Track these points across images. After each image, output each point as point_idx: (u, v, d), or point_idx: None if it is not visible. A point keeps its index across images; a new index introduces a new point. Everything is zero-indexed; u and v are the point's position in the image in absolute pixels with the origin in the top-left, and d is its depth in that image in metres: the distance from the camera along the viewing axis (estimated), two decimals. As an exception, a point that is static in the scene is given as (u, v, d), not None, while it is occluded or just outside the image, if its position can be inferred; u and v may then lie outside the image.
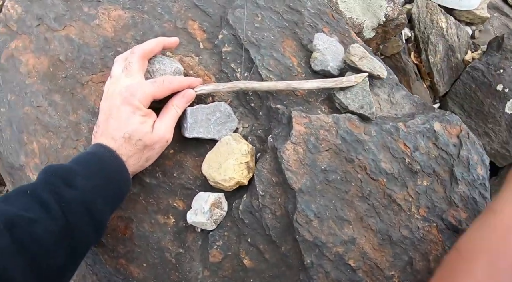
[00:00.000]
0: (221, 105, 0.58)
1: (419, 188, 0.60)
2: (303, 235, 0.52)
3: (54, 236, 0.41)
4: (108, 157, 0.49)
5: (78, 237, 0.44)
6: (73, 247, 0.43)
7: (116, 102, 0.50)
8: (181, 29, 0.64)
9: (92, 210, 0.45)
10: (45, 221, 0.41)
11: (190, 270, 0.55)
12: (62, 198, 0.43)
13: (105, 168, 0.48)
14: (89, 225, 0.45)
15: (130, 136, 0.50)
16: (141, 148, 0.51)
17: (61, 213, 0.42)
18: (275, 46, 0.63)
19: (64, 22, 0.63)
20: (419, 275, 0.58)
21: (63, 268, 0.43)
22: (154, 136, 0.51)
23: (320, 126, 0.56)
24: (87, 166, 0.47)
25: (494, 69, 0.84)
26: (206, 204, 0.53)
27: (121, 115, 0.50)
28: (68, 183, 0.44)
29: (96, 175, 0.47)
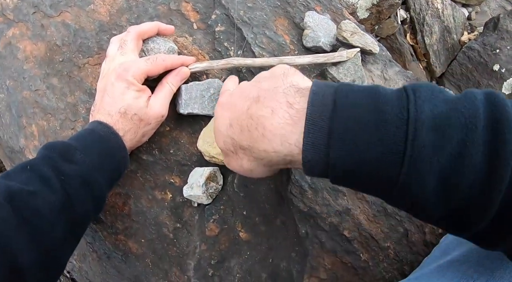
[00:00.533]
0: (215, 82, 0.58)
1: (414, 160, 0.60)
2: (297, 206, 0.52)
3: (53, 208, 0.42)
4: (105, 132, 0.50)
5: (77, 210, 0.45)
6: (72, 220, 0.44)
7: (111, 79, 0.51)
8: (175, 11, 0.65)
9: (90, 183, 0.46)
10: (44, 194, 0.42)
11: (187, 244, 0.56)
12: (61, 172, 0.44)
13: (102, 143, 0.49)
14: (88, 198, 0.46)
15: (126, 111, 0.50)
16: (137, 123, 0.51)
17: (60, 186, 0.43)
18: (267, 25, 0.64)
19: (60, 8, 0.64)
20: (414, 247, 0.58)
21: (63, 240, 0.44)
22: (149, 111, 0.52)
23: (312, 100, 0.56)
24: (86, 142, 0.48)
25: (491, 49, 0.84)
26: (202, 177, 0.54)
27: (116, 91, 0.51)
28: (67, 158, 0.45)
29: (94, 150, 0.48)
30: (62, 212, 0.43)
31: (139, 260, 0.56)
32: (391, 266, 0.57)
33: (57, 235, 0.43)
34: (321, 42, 0.62)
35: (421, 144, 0.29)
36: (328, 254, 0.53)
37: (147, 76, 0.53)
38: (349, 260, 0.54)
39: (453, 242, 0.54)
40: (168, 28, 0.58)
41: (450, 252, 0.52)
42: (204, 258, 0.55)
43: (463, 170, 0.28)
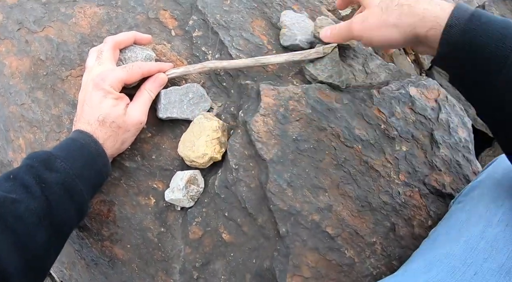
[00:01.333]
0: (194, 86, 0.59)
1: (397, 153, 0.59)
2: (277, 204, 0.52)
3: (35, 214, 0.44)
4: (86, 140, 0.51)
5: (60, 216, 0.46)
6: (55, 225, 0.46)
7: (89, 89, 0.53)
8: (153, 19, 0.66)
9: (71, 190, 0.47)
10: (26, 201, 0.43)
11: (172, 248, 0.56)
12: (43, 180, 0.45)
13: (83, 151, 0.50)
14: (69, 204, 0.47)
15: (104, 119, 0.52)
16: (116, 130, 0.52)
17: (41, 193, 0.45)
18: (244, 27, 0.64)
19: (43, 24, 0.66)
20: (403, 241, 0.58)
21: (46, 245, 0.45)
22: (128, 119, 0.53)
23: (289, 97, 0.56)
24: (66, 150, 0.50)
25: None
26: (182, 180, 0.54)
27: (94, 100, 0.52)
28: (48, 166, 0.47)
29: (75, 158, 0.49)
30: (44, 217, 0.44)
31: (125, 266, 0.57)
32: (378, 262, 0.56)
33: (40, 240, 0.44)
34: (297, 40, 0.62)
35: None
36: (311, 252, 0.52)
37: (124, 84, 0.54)
38: (334, 257, 0.53)
39: (441, 235, 0.53)
40: (145, 37, 0.59)
41: (437, 245, 0.51)
42: (188, 261, 0.55)
43: None
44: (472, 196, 0.55)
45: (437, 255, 0.48)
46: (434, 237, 0.55)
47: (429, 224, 0.60)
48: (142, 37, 0.59)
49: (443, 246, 0.50)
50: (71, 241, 0.60)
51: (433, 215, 0.60)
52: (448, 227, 0.54)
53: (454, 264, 0.46)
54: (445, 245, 0.50)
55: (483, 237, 0.48)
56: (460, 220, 0.52)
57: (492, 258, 0.45)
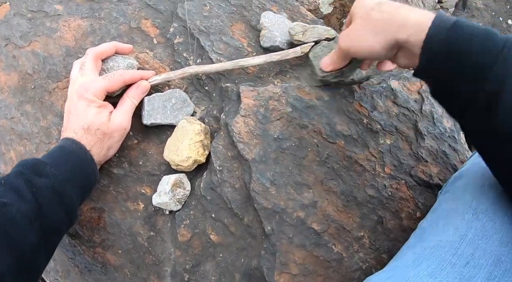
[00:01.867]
0: (176, 91, 0.60)
1: (382, 146, 0.60)
2: (261, 203, 0.53)
3: (26, 216, 0.45)
4: (73, 147, 0.52)
5: (50, 219, 0.48)
6: (45, 227, 0.47)
7: (73, 100, 0.54)
8: (135, 29, 0.67)
9: (61, 194, 0.49)
10: (17, 204, 0.45)
11: (162, 251, 0.57)
12: (33, 184, 0.47)
13: (71, 157, 0.52)
14: (59, 207, 0.49)
15: (89, 127, 0.53)
16: (101, 137, 0.54)
17: (32, 197, 0.46)
18: (224, 31, 0.65)
19: (29, 38, 0.68)
20: (392, 234, 0.58)
21: (37, 247, 0.46)
22: (111, 125, 0.54)
23: (269, 97, 0.57)
24: (55, 157, 0.51)
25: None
26: (168, 184, 0.55)
27: (78, 109, 0.54)
28: (38, 172, 0.49)
29: (63, 164, 0.51)
30: (35, 220, 0.46)
31: (118, 271, 0.58)
32: (367, 256, 0.56)
33: (31, 241, 0.45)
34: (277, 41, 0.63)
35: None
36: (298, 249, 0.53)
37: (107, 92, 0.55)
38: (321, 253, 0.54)
39: (429, 227, 0.53)
40: (126, 47, 0.61)
41: (426, 237, 0.51)
42: (179, 264, 0.56)
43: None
44: (457, 186, 0.55)
45: (426, 247, 0.48)
46: (422, 228, 0.55)
47: (417, 215, 0.60)
48: (123, 47, 0.60)
49: (432, 237, 0.50)
50: (64, 249, 0.61)
51: (422, 207, 0.60)
52: (436, 218, 0.54)
53: (444, 256, 0.45)
54: (434, 236, 0.50)
55: (471, 227, 0.47)
56: (447, 210, 0.52)
57: (482, 247, 0.45)
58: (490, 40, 0.39)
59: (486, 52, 0.39)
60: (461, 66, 0.40)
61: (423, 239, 0.52)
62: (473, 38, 0.40)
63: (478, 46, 0.39)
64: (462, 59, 0.40)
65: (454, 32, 0.40)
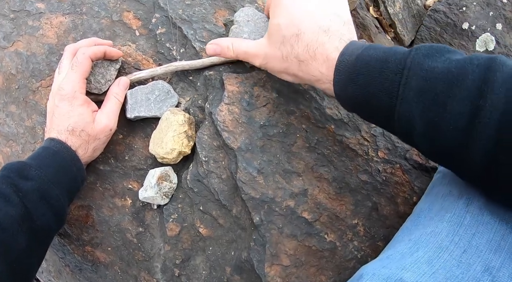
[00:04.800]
0: (159, 83, 0.59)
1: (374, 130, 0.57)
2: (248, 193, 0.51)
3: (14, 220, 0.45)
4: (58, 147, 0.51)
5: (38, 221, 0.47)
6: (34, 230, 0.47)
7: (55, 102, 0.53)
8: (117, 22, 0.66)
9: (47, 196, 0.48)
10: (5, 208, 0.45)
11: (152, 247, 0.56)
12: (19, 188, 0.47)
13: (56, 157, 0.51)
14: (47, 210, 0.48)
15: (73, 129, 0.52)
16: (86, 138, 0.53)
17: (18, 200, 0.46)
18: (207, 18, 0.63)
19: (12, 39, 0.67)
20: (387, 221, 0.55)
21: (28, 250, 0.46)
22: (96, 126, 0.53)
23: (253, 84, 0.55)
24: (40, 158, 0.51)
25: (457, 8, 0.79)
26: (153, 178, 0.54)
27: (61, 111, 0.53)
28: (23, 175, 0.48)
29: (48, 165, 0.50)
30: (23, 222, 0.46)
31: (108, 269, 0.56)
32: (362, 244, 0.54)
33: (21, 245, 0.45)
34: (244, 38, 0.56)
35: (409, 87, 0.36)
36: (289, 239, 0.51)
37: (85, 79, 0.54)
38: (313, 243, 0.52)
39: (424, 211, 0.51)
40: (105, 42, 0.59)
41: (422, 222, 0.49)
42: (169, 259, 0.55)
43: (444, 115, 0.35)
44: None
45: (422, 234, 0.46)
46: (417, 213, 0.52)
47: (414, 200, 0.57)
48: (102, 42, 0.59)
49: (428, 223, 0.47)
50: (55, 249, 0.60)
51: (418, 191, 0.57)
52: (430, 202, 0.51)
53: (441, 242, 0.43)
54: (429, 222, 0.47)
55: (467, 211, 0.45)
56: (442, 193, 0.50)
57: (480, 233, 0.43)
58: (388, 80, 0.38)
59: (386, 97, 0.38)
60: (370, 115, 0.42)
61: (419, 224, 0.49)
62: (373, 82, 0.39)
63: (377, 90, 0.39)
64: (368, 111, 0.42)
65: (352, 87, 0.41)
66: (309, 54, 0.44)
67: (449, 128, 0.35)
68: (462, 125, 0.34)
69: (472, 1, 0.81)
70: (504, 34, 0.88)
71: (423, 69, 0.36)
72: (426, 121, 0.36)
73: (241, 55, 0.52)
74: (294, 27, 0.44)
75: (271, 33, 0.48)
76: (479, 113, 0.33)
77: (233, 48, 0.52)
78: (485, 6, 0.87)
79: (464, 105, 0.34)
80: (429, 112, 0.36)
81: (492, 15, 0.87)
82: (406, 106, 0.37)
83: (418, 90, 0.36)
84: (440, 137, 0.36)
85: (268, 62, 0.48)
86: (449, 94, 0.34)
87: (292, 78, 0.48)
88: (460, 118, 0.34)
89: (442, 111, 0.35)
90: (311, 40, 0.43)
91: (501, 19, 0.87)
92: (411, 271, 0.41)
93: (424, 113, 0.36)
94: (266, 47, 0.48)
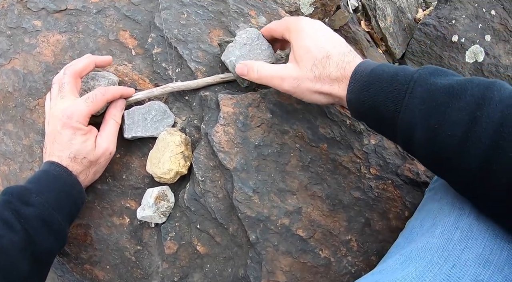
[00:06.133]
0: (155, 103, 0.60)
1: (366, 147, 0.59)
2: (244, 212, 0.52)
3: (17, 246, 0.46)
4: (58, 172, 0.52)
5: (40, 246, 0.48)
6: (36, 255, 0.48)
7: (57, 128, 0.53)
8: (113, 41, 0.67)
9: (49, 221, 0.49)
10: (8, 235, 0.46)
11: (150, 265, 0.57)
12: (21, 215, 0.48)
13: (57, 182, 0.51)
14: (49, 235, 0.49)
15: (75, 156, 0.52)
16: (87, 165, 0.53)
17: (21, 227, 0.47)
18: (202, 38, 0.65)
19: (9, 56, 0.68)
20: (380, 235, 0.57)
21: (30, 274, 0.47)
22: (97, 152, 0.54)
23: (248, 104, 0.57)
24: (40, 182, 0.51)
25: (446, 21, 0.82)
26: (151, 198, 0.55)
27: (63, 138, 0.53)
28: (25, 201, 0.48)
29: (49, 190, 0.50)
30: (25, 248, 0.46)
31: (107, 287, 0.57)
32: (356, 259, 0.56)
33: (24, 269, 0.46)
34: (229, 60, 0.57)
35: (414, 96, 0.40)
36: (284, 256, 0.52)
37: (90, 115, 0.54)
38: (308, 259, 0.53)
39: (416, 228, 0.52)
40: (105, 60, 0.59)
41: (413, 238, 0.51)
42: (167, 277, 0.56)
43: (443, 123, 0.38)
44: (442, 182, 0.54)
45: (413, 249, 0.48)
46: (409, 229, 0.54)
47: (406, 215, 0.59)
48: (102, 60, 0.59)
49: (419, 239, 0.49)
50: (54, 268, 0.61)
51: (410, 206, 0.59)
52: (422, 219, 0.53)
53: (431, 258, 0.45)
54: (421, 238, 0.49)
55: (457, 227, 0.47)
56: (433, 209, 0.52)
57: (469, 248, 0.44)
58: (395, 91, 0.42)
59: (391, 105, 0.43)
60: (377, 121, 0.46)
61: (410, 240, 0.51)
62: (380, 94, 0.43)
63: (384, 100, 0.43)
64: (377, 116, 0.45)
65: (366, 91, 0.45)
66: (340, 72, 0.47)
67: (447, 134, 0.38)
68: (459, 133, 0.37)
69: (461, 14, 0.84)
70: (493, 45, 0.91)
71: (427, 83, 0.40)
72: (426, 128, 0.39)
73: (264, 79, 0.53)
74: (323, 50, 0.48)
75: (300, 56, 0.50)
76: (476, 123, 0.36)
77: (257, 71, 0.54)
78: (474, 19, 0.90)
79: (463, 115, 0.37)
80: (430, 119, 0.39)
81: (481, 27, 0.90)
82: (409, 113, 0.41)
83: (421, 99, 0.40)
84: (438, 144, 0.39)
85: (300, 83, 0.50)
86: (449, 104, 0.38)
87: (325, 98, 0.50)
88: (458, 127, 0.37)
89: (441, 119, 0.38)
90: (339, 61, 0.48)
91: (489, 31, 0.90)
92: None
93: (425, 120, 0.39)
94: (296, 70, 0.50)
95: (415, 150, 0.43)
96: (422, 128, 0.40)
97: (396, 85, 0.42)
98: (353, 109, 0.48)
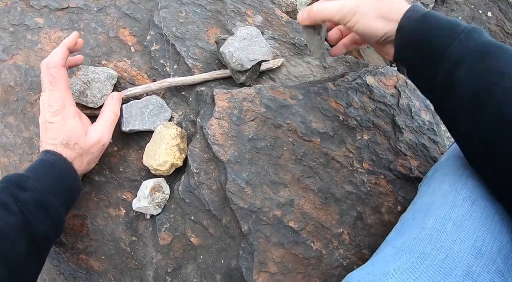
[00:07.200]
0: (153, 98, 0.61)
1: (359, 142, 0.60)
2: (237, 203, 0.53)
3: (14, 228, 0.47)
4: (53, 158, 0.53)
5: (37, 229, 0.49)
6: (33, 238, 0.48)
7: (46, 118, 0.55)
8: (113, 38, 0.68)
9: (45, 205, 0.50)
10: (5, 217, 0.47)
11: (144, 256, 0.58)
12: (18, 199, 0.49)
13: (52, 168, 0.53)
14: (45, 218, 0.50)
15: (67, 142, 0.54)
16: (80, 152, 0.55)
17: (18, 210, 0.48)
18: (199, 36, 0.66)
19: (12, 52, 0.69)
20: (372, 229, 0.58)
21: (27, 256, 0.48)
22: (89, 141, 0.55)
23: (242, 99, 0.58)
24: (37, 170, 0.52)
25: (443, 21, 0.83)
26: (146, 189, 0.56)
27: (54, 126, 0.54)
28: (22, 186, 0.50)
29: (45, 176, 0.52)
30: (23, 230, 0.47)
31: (101, 277, 0.58)
32: (348, 252, 0.56)
33: (21, 251, 0.47)
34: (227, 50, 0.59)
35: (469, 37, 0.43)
36: (276, 248, 0.53)
37: (69, 88, 0.56)
38: (300, 251, 0.54)
39: (408, 220, 0.53)
40: (72, 40, 0.58)
41: (406, 230, 0.51)
42: (161, 267, 0.56)
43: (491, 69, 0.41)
44: (436, 177, 0.55)
45: (406, 241, 0.48)
46: (402, 222, 0.54)
47: (398, 209, 0.60)
48: (70, 41, 0.58)
49: (411, 231, 0.50)
50: (50, 257, 0.62)
51: (402, 200, 0.60)
52: (414, 211, 0.54)
53: (423, 249, 0.45)
54: (413, 230, 0.49)
55: (450, 218, 0.47)
56: (426, 202, 0.52)
57: (461, 239, 0.45)
58: (451, 28, 0.44)
59: (445, 37, 0.44)
60: (425, 50, 0.45)
61: (402, 233, 0.52)
62: (436, 26, 0.45)
63: (439, 32, 0.44)
64: (426, 45, 0.45)
65: (422, 22, 0.45)
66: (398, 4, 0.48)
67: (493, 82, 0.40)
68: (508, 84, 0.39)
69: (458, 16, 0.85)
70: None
71: (481, 34, 0.43)
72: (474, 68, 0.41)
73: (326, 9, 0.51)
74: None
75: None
76: None
77: (315, 6, 0.53)
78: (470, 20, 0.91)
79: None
80: (481, 61, 0.41)
81: (477, 30, 0.91)
82: (461, 49, 0.42)
83: (475, 41, 0.42)
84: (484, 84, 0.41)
85: (360, 4, 0.49)
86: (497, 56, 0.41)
87: (382, 22, 0.49)
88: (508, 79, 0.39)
89: (490, 65, 0.40)
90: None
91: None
92: (395, 277, 0.43)
93: (475, 60, 0.42)
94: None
95: (452, 86, 0.43)
96: (469, 67, 0.42)
97: (452, 24, 0.44)
98: (404, 41, 0.47)
